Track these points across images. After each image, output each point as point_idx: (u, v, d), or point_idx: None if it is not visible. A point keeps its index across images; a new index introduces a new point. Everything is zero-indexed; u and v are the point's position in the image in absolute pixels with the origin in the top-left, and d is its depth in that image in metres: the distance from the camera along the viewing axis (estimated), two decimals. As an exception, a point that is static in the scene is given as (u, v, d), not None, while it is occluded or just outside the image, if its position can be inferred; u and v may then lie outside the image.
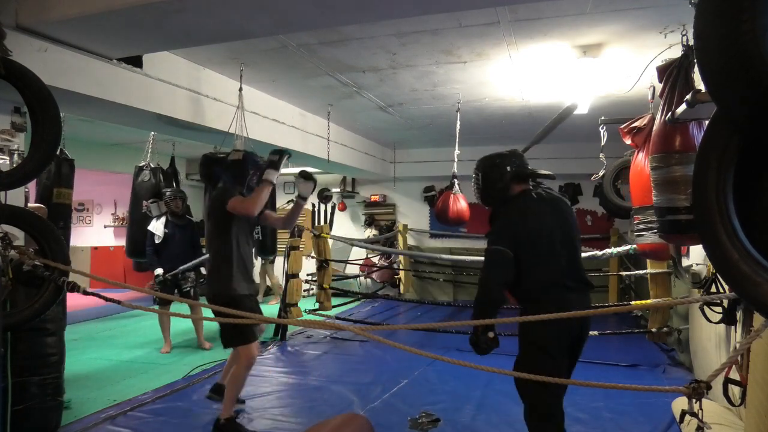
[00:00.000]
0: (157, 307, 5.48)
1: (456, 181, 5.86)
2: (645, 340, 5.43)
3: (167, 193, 5.81)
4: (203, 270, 5.93)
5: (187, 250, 5.79)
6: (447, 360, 2.08)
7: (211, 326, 6.47)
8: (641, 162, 3.25)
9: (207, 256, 3.87)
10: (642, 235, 3.33)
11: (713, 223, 1.36)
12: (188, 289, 5.78)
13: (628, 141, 3.40)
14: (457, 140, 5.96)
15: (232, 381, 3.59)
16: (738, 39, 1.11)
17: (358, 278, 10.00)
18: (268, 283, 9.20)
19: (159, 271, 5.57)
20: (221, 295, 3.44)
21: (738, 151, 1.35)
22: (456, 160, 5.92)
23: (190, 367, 5.01)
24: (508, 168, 2.74)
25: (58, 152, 4.20)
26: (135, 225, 5.96)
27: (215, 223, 3.57)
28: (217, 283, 3.53)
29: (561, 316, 2.14)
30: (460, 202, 5.81)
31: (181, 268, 5.68)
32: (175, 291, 5.68)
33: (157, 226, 5.69)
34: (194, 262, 5.81)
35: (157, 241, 5.63)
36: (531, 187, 2.76)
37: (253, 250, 4.20)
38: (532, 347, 2.56)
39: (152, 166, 6.02)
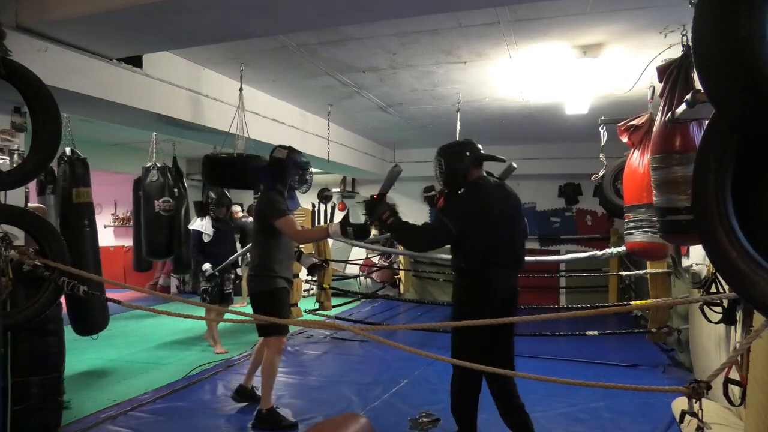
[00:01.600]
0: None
1: None
2: (645, 340, 5.43)
3: (214, 200, 5.82)
4: (239, 272, 6.30)
5: (229, 251, 5.81)
6: (447, 360, 2.08)
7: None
8: (636, 160, 3.25)
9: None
10: (632, 233, 3.32)
11: (712, 223, 1.38)
12: (229, 291, 5.78)
13: (624, 139, 3.40)
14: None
15: (266, 371, 3.73)
16: (736, 42, 1.11)
17: (358, 278, 10.00)
18: None
19: (207, 266, 5.52)
20: (263, 289, 3.70)
21: (737, 152, 1.36)
22: None
23: (190, 367, 5.01)
24: (468, 153, 2.98)
25: (69, 152, 4.23)
26: (150, 225, 5.85)
27: (263, 226, 3.71)
28: (261, 277, 3.72)
29: (562, 316, 2.14)
30: None
31: (231, 259, 5.69)
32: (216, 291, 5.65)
33: (204, 225, 5.68)
34: (239, 253, 5.93)
35: (206, 240, 5.62)
36: (485, 174, 3.02)
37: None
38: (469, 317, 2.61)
39: (158, 165, 5.97)
